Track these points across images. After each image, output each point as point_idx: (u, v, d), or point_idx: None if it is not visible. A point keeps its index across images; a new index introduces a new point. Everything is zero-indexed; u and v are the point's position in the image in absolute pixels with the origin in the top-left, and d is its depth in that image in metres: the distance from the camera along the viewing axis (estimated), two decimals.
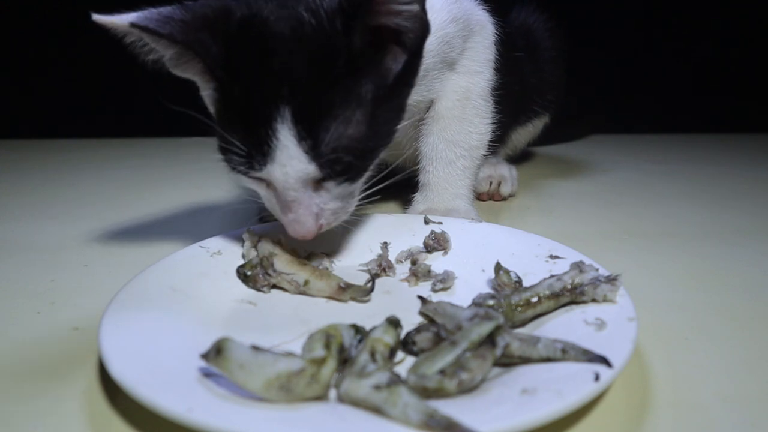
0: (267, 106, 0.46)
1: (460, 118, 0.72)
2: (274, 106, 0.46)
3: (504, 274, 0.51)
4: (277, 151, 0.47)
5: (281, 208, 0.52)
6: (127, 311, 0.44)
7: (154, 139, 1.52)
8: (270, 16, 0.48)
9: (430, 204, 0.73)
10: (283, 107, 0.46)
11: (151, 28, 0.45)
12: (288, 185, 0.49)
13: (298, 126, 0.46)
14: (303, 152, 0.47)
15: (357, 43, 0.48)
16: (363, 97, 0.49)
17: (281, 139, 0.47)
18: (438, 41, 0.65)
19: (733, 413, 0.38)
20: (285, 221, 0.52)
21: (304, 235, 0.51)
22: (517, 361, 0.39)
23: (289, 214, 0.51)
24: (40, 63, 1.66)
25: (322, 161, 0.48)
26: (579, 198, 0.96)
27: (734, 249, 0.70)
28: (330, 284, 0.52)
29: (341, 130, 0.48)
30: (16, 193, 1.02)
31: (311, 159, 0.47)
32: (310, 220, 0.50)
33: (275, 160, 0.47)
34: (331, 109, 0.47)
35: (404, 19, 0.49)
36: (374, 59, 0.50)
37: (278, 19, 0.47)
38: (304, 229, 0.51)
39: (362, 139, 0.49)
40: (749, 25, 1.70)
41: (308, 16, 0.47)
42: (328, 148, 0.47)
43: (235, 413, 0.33)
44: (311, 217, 0.50)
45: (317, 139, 0.47)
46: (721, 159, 1.33)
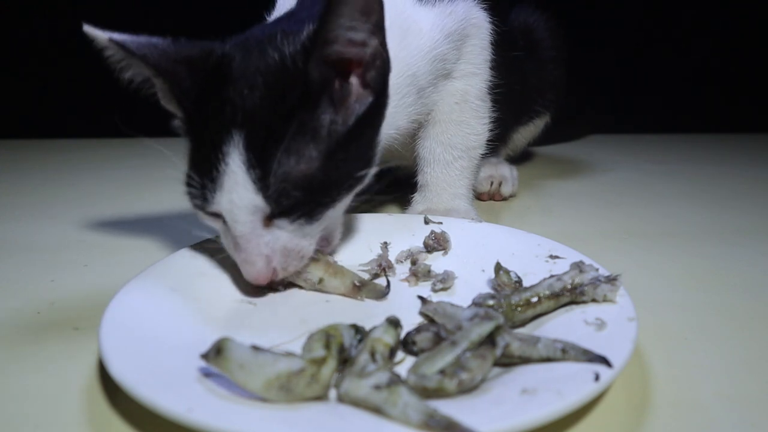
0: (219, 132, 0.46)
1: (457, 122, 0.72)
2: (226, 132, 0.46)
3: (504, 274, 0.51)
4: (225, 177, 0.46)
5: (234, 248, 0.50)
6: (127, 311, 0.44)
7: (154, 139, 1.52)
8: (238, 54, 0.49)
9: (429, 204, 0.73)
10: (234, 133, 0.46)
11: (126, 46, 0.47)
12: (235, 216, 0.47)
13: (249, 153, 0.45)
14: (251, 181, 0.46)
15: (314, 75, 0.47)
16: (319, 132, 0.48)
17: (230, 164, 0.46)
18: (431, 61, 0.64)
19: (733, 413, 0.38)
20: (238, 263, 0.50)
21: (256, 278, 0.49)
22: (517, 361, 0.39)
23: (240, 253, 0.49)
24: (40, 63, 1.66)
25: (269, 193, 0.46)
26: (579, 198, 0.96)
27: (734, 249, 0.70)
28: (344, 282, 0.52)
29: (292, 163, 0.46)
30: (16, 193, 1.02)
31: (258, 189, 0.46)
32: (260, 262, 0.48)
33: (223, 187, 0.46)
34: (283, 140, 0.46)
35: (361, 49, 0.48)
36: (334, 96, 0.48)
37: (244, 57, 0.48)
38: (255, 271, 0.48)
39: (314, 176, 0.47)
40: (749, 25, 1.70)
41: (272, 52, 0.48)
42: (277, 179, 0.46)
43: (235, 413, 0.33)
44: (261, 258, 0.48)
45: (265, 169, 0.45)
46: (721, 159, 1.33)
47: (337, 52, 0.48)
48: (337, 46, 0.47)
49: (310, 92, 0.47)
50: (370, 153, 0.52)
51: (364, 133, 0.51)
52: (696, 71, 1.73)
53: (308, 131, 0.47)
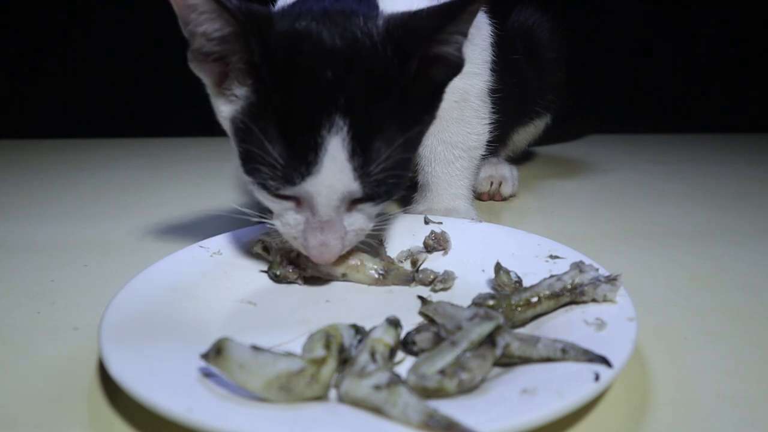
0: (318, 114, 0.44)
1: (458, 120, 0.72)
2: (327, 116, 0.44)
3: (504, 274, 0.51)
4: (324, 163, 0.45)
5: (307, 230, 0.49)
6: (127, 311, 0.44)
7: (154, 139, 1.52)
8: (321, 29, 0.46)
9: (429, 204, 0.73)
10: (337, 117, 0.44)
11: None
12: (330, 203, 0.47)
13: (353, 141, 0.45)
14: (352, 168, 0.45)
15: (411, 71, 0.47)
16: (407, 123, 0.48)
17: (331, 150, 0.44)
18: None
19: (733, 413, 0.38)
20: (309, 244, 0.49)
21: (328, 260, 0.49)
22: (517, 361, 0.39)
23: (319, 236, 0.48)
24: (40, 63, 1.66)
25: (368, 181, 0.46)
26: (579, 198, 0.96)
27: (734, 249, 0.70)
28: (367, 275, 0.54)
29: (388, 151, 0.46)
30: (16, 193, 1.02)
31: (357, 177, 0.46)
32: (338, 245, 0.49)
33: (321, 172, 0.45)
34: (381, 130, 0.46)
35: (455, 50, 0.49)
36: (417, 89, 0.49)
37: (331, 34, 0.46)
38: (331, 254, 0.49)
39: (402, 162, 0.48)
40: (749, 24, 1.70)
41: (361, 35, 0.47)
42: (379, 168, 0.46)
43: (235, 413, 0.33)
44: (338, 242, 0.48)
45: (368, 158, 0.45)
46: (721, 159, 1.33)
47: (443, 52, 0.48)
48: (447, 48, 0.48)
49: (404, 87, 0.47)
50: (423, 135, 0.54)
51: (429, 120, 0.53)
52: (696, 71, 1.73)
53: (402, 122, 0.47)
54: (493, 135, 0.76)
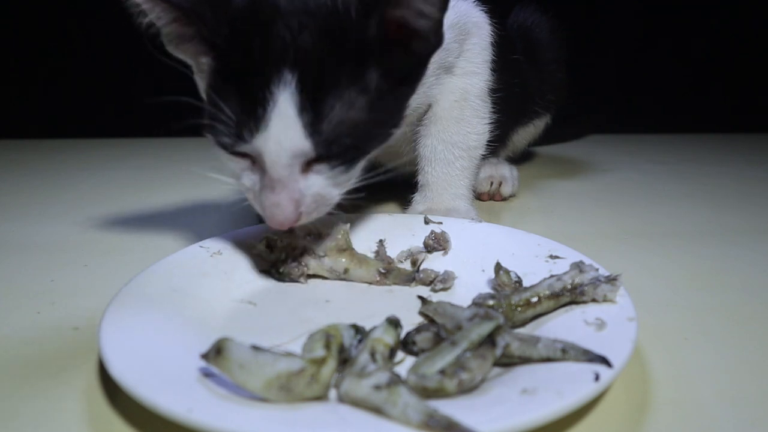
0: (268, 69, 0.44)
1: (458, 120, 0.72)
2: (276, 70, 0.44)
3: (504, 274, 0.51)
4: (273, 118, 0.44)
5: (261, 190, 0.48)
6: (127, 311, 0.44)
7: (154, 139, 1.52)
8: None
9: (429, 204, 0.73)
10: (286, 71, 0.44)
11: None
12: (279, 160, 0.46)
13: (302, 95, 0.44)
14: (302, 125, 0.45)
15: (371, 31, 0.47)
16: (367, 85, 0.48)
17: (280, 105, 0.44)
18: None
19: (733, 413, 0.38)
20: (263, 205, 0.48)
21: (281, 223, 0.48)
22: (517, 361, 0.39)
23: (270, 195, 0.47)
24: (40, 63, 1.66)
25: (320, 139, 0.45)
26: (579, 198, 0.96)
27: (734, 249, 0.70)
28: (370, 271, 0.53)
29: (344, 111, 0.46)
30: (16, 193, 1.02)
31: (309, 134, 0.45)
32: (290, 207, 0.47)
33: (269, 128, 0.45)
34: (337, 87, 0.45)
35: (422, 21, 0.48)
36: (382, 54, 0.48)
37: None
38: (283, 216, 0.47)
39: (361, 126, 0.47)
40: (749, 24, 1.70)
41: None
42: (330, 126, 0.45)
43: (235, 413, 0.33)
44: (291, 204, 0.47)
45: (320, 114, 0.45)
46: (721, 159, 1.33)
47: (402, 17, 0.48)
48: (405, 11, 0.47)
49: (364, 47, 0.47)
50: (401, 112, 0.53)
51: (401, 92, 0.52)
52: (696, 71, 1.73)
53: (359, 82, 0.47)
54: (493, 135, 0.76)
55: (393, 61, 0.50)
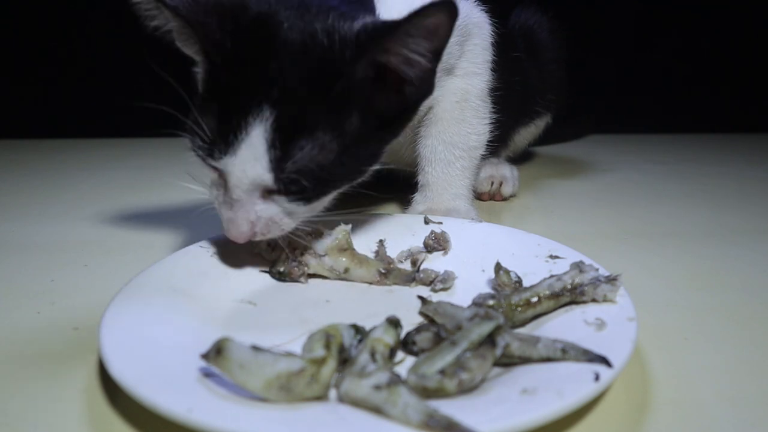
0: (250, 100, 0.46)
1: (458, 120, 0.72)
2: (257, 103, 0.46)
3: (504, 274, 0.51)
4: (242, 147, 0.46)
5: (222, 204, 0.51)
6: (127, 311, 0.44)
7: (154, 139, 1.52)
8: (285, 21, 0.48)
9: (429, 204, 0.73)
10: (266, 108, 0.45)
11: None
12: (240, 185, 0.48)
13: (275, 133, 0.46)
14: (268, 159, 0.46)
15: (359, 74, 0.47)
16: (346, 129, 0.48)
17: (252, 136, 0.46)
18: None
19: (733, 413, 0.38)
20: (222, 217, 0.51)
21: (236, 237, 0.50)
22: (517, 361, 0.39)
23: (227, 212, 0.50)
24: (40, 63, 1.66)
25: (281, 176, 0.47)
26: (579, 198, 0.96)
27: (734, 249, 0.70)
28: (370, 271, 0.54)
29: (313, 153, 0.47)
30: (16, 193, 1.02)
31: (272, 169, 0.47)
32: (245, 225, 0.50)
33: (237, 154, 0.47)
34: (312, 130, 0.47)
35: (412, 69, 0.49)
36: (369, 97, 0.49)
37: (292, 27, 0.47)
38: (237, 232, 0.50)
39: (327, 168, 0.48)
40: (749, 24, 1.70)
41: (322, 35, 0.47)
42: (294, 167, 0.47)
43: (235, 413, 0.33)
44: (246, 223, 0.50)
45: (287, 154, 0.46)
46: (721, 159, 1.33)
47: (390, 63, 0.48)
48: (392, 57, 0.48)
49: (351, 91, 0.47)
50: (380, 152, 0.54)
51: (382, 137, 0.53)
52: (696, 71, 1.73)
53: (337, 125, 0.48)
54: (493, 135, 0.76)
55: (380, 105, 0.50)
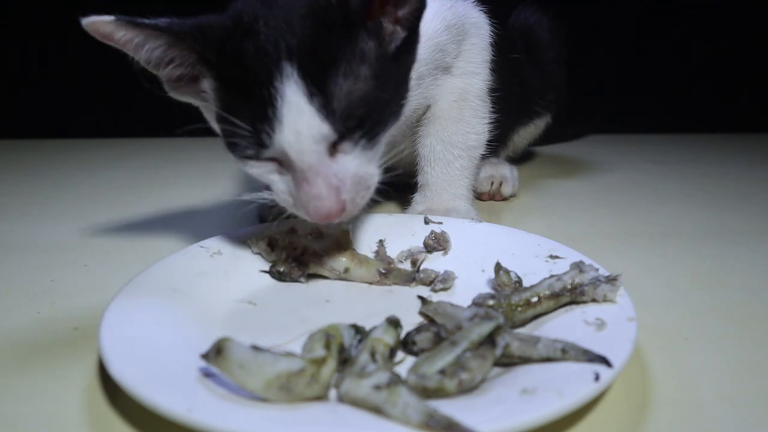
0: (268, 68, 0.45)
1: (457, 119, 0.72)
2: (275, 66, 0.45)
3: (504, 274, 0.51)
4: (284, 112, 0.45)
5: (297, 188, 0.48)
6: (127, 311, 0.44)
7: (154, 139, 1.52)
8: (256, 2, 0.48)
9: (429, 204, 0.73)
10: (285, 65, 0.45)
11: (134, 20, 0.46)
12: (302, 148, 0.46)
13: (307, 82, 0.44)
14: (314, 109, 0.45)
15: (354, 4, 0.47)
16: (365, 54, 0.48)
17: (288, 97, 0.44)
18: (431, 50, 0.64)
19: (733, 413, 0.38)
20: (304, 202, 0.47)
21: (328, 212, 0.47)
22: (517, 361, 0.39)
23: (307, 188, 0.47)
24: (40, 63, 1.66)
25: (335, 117, 0.45)
26: (579, 198, 0.96)
27: (734, 249, 0.70)
28: (370, 271, 0.54)
29: (350, 84, 0.46)
30: (16, 193, 1.02)
31: (324, 117, 0.45)
32: (332, 195, 0.46)
33: (283, 122, 0.45)
34: (337, 65, 0.46)
35: None
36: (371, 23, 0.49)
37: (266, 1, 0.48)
38: (327, 206, 0.46)
39: (372, 95, 0.47)
40: (749, 24, 1.70)
41: None
42: (341, 103, 0.45)
43: (235, 413, 0.33)
44: (332, 191, 0.46)
45: (328, 95, 0.45)
46: (721, 159, 1.33)
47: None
48: None
49: (350, 20, 0.47)
50: (407, 83, 0.54)
51: (403, 62, 0.53)
52: (696, 71, 1.73)
53: (357, 55, 0.47)
54: (493, 135, 0.76)
55: (384, 30, 0.50)
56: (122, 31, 0.46)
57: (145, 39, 0.47)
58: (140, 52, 0.48)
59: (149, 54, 0.48)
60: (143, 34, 0.47)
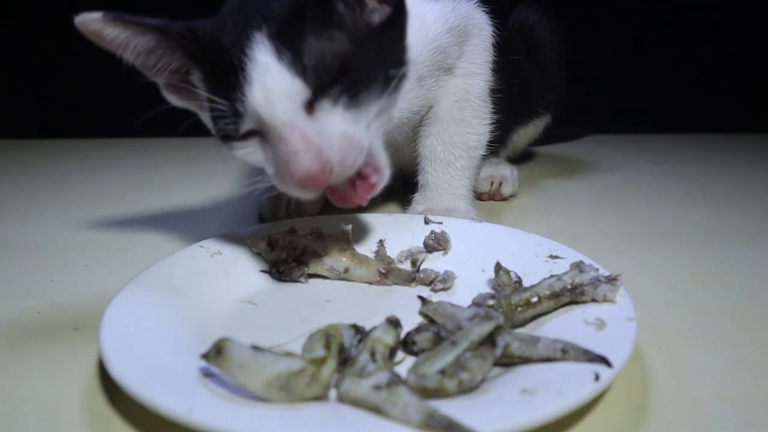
0: (238, 40, 0.45)
1: (458, 120, 0.72)
2: (245, 36, 0.45)
3: (504, 274, 0.51)
4: (253, 73, 0.44)
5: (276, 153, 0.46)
6: (127, 311, 0.44)
7: (154, 139, 1.52)
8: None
9: (429, 204, 0.73)
10: (254, 32, 0.45)
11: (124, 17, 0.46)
12: (272, 104, 0.44)
13: (275, 42, 0.44)
14: (284, 67, 0.44)
15: None
16: (343, 22, 0.47)
17: (256, 58, 0.44)
18: (433, 52, 0.64)
19: (733, 413, 0.38)
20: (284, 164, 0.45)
21: (308, 170, 0.43)
22: (517, 361, 0.39)
23: (284, 147, 0.44)
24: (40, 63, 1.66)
25: (306, 74, 0.44)
26: (579, 198, 0.96)
27: (734, 249, 0.70)
28: (370, 271, 0.54)
29: (323, 44, 0.45)
30: (16, 193, 1.02)
31: (295, 73, 0.44)
32: (311, 150, 0.43)
33: (252, 83, 0.44)
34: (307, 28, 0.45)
35: None
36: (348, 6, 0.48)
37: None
38: (307, 163, 0.43)
39: (348, 55, 0.46)
40: (749, 24, 1.70)
41: None
42: (312, 59, 0.44)
43: (235, 413, 0.33)
44: (311, 147, 0.43)
45: (297, 51, 0.44)
46: (721, 159, 1.33)
47: None
48: None
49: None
50: (401, 53, 0.51)
51: (389, 35, 0.51)
52: (696, 71, 1.73)
53: (330, 21, 0.46)
54: (493, 135, 0.76)
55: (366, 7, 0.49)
56: (110, 27, 0.46)
57: (133, 36, 0.47)
58: (128, 50, 0.48)
59: (138, 53, 0.49)
60: (130, 30, 0.47)
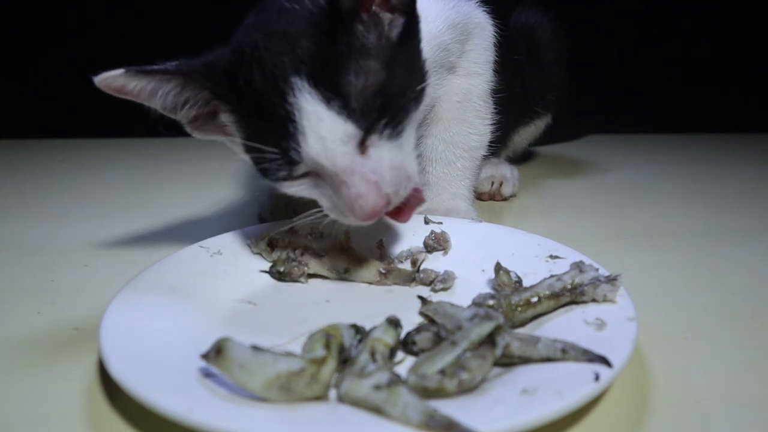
0: (279, 88, 0.45)
1: (459, 120, 0.72)
2: (286, 84, 0.45)
3: (504, 274, 0.51)
4: (305, 123, 0.45)
5: (338, 194, 0.47)
6: (127, 311, 0.44)
7: (154, 139, 1.52)
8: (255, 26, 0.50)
9: (430, 204, 0.73)
10: (295, 79, 0.45)
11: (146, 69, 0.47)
12: (331, 152, 0.46)
13: (319, 88, 0.45)
14: (334, 112, 0.45)
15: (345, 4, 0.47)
16: (370, 48, 0.48)
17: (305, 107, 0.45)
18: (435, 49, 0.64)
19: (733, 413, 0.38)
20: (348, 205, 0.47)
21: (373, 208, 0.46)
22: (517, 361, 0.39)
23: (346, 190, 0.46)
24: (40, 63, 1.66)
25: (356, 116, 0.45)
26: (579, 198, 0.96)
27: (734, 249, 0.70)
28: (370, 271, 0.54)
29: (363, 80, 0.46)
30: (16, 193, 1.02)
31: (346, 117, 0.45)
32: (372, 190, 0.46)
33: (306, 133, 0.45)
34: (343, 65, 0.46)
35: None
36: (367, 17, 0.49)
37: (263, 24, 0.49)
38: (371, 202, 0.46)
39: (386, 85, 0.47)
40: (749, 25, 1.70)
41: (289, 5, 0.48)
42: (359, 101, 0.45)
43: (235, 413, 0.33)
44: (372, 187, 0.46)
45: (344, 95, 0.45)
46: (721, 159, 1.33)
47: None
48: None
49: (346, 20, 0.47)
50: (422, 67, 0.53)
51: (410, 46, 0.52)
52: (696, 71, 1.73)
53: (360, 50, 0.47)
54: (494, 135, 0.76)
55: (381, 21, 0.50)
56: (134, 81, 0.47)
57: (158, 85, 0.48)
58: (155, 98, 0.49)
59: (164, 99, 0.49)
60: (154, 80, 0.48)
